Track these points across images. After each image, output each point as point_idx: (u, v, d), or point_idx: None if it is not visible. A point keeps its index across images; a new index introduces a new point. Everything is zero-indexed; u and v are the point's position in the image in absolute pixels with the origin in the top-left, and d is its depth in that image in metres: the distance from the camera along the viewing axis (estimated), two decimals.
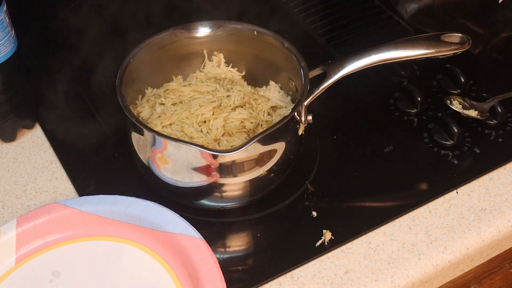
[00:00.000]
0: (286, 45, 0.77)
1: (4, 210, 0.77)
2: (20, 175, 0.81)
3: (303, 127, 0.74)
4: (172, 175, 0.71)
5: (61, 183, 0.80)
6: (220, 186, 0.71)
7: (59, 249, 0.71)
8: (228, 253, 0.73)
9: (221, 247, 0.73)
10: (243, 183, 0.72)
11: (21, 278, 0.69)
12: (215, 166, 0.69)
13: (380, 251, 0.72)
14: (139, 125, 0.70)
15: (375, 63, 0.75)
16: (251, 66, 0.84)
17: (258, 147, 0.70)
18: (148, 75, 0.81)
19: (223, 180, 0.71)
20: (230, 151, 0.66)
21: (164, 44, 0.80)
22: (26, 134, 0.86)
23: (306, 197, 0.77)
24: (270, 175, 0.73)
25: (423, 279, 0.71)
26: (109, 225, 0.72)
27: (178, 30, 0.80)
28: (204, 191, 0.72)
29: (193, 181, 0.71)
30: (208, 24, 0.81)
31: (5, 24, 0.76)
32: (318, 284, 0.69)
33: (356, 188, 0.79)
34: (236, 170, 0.70)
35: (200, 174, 0.70)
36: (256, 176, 0.72)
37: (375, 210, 0.76)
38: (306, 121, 0.73)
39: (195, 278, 0.66)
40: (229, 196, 0.73)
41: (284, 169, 0.74)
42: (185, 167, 0.70)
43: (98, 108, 0.88)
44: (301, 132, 0.74)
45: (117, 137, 0.84)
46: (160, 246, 0.70)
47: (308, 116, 0.73)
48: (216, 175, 0.70)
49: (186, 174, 0.70)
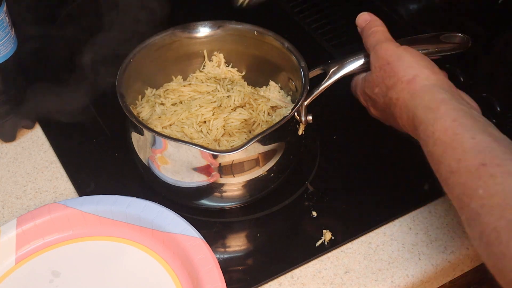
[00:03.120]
0: (286, 45, 0.77)
1: (4, 210, 0.77)
2: (20, 175, 0.81)
3: (303, 127, 0.74)
4: (172, 175, 0.71)
5: (61, 183, 0.80)
6: (220, 186, 0.71)
7: (59, 249, 0.71)
8: (228, 253, 0.73)
9: (221, 247, 0.73)
10: (243, 183, 0.72)
11: (21, 278, 0.69)
12: (215, 166, 0.69)
13: (380, 251, 0.72)
14: (139, 125, 0.70)
15: None
16: (251, 66, 0.84)
17: (258, 147, 0.70)
18: (148, 75, 0.81)
19: (223, 180, 0.71)
20: (230, 151, 0.66)
21: (164, 44, 0.80)
22: (26, 134, 0.86)
23: (306, 197, 0.78)
24: (270, 175, 0.73)
25: (423, 279, 0.71)
26: (109, 225, 0.72)
27: (178, 30, 0.80)
28: (204, 191, 0.72)
29: (193, 181, 0.71)
30: (208, 24, 0.81)
31: (5, 24, 0.76)
32: (318, 284, 0.69)
33: (356, 188, 0.79)
34: (236, 170, 0.70)
35: (200, 174, 0.70)
36: (256, 176, 0.72)
37: (375, 210, 0.76)
38: (306, 121, 0.73)
39: (195, 278, 0.66)
40: (229, 196, 0.73)
41: (284, 169, 0.74)
42: (185, 167, 0.70)
43: (98, 108, 0.88)
44: (301, 132, 0.74)
45: (117, 137, 0.84)
46: (160, 246, 0.70)
47: (308, 116, 0.73)
48: (216, 175, 0.70)
49: (186, 174, 0.70)
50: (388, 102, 0.68)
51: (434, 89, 0.64)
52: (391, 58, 0.68)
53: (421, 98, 0.64)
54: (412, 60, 0.67)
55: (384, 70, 0.68)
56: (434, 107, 0.62)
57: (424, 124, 0.62)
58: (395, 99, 0.66)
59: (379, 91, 0.69)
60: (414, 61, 0.67)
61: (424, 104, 0.63)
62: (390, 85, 0.67)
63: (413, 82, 0.65)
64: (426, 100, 0.63)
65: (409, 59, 0.67)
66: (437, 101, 0.62)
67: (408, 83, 0.65)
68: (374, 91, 0.70)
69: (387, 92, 0.68)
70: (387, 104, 0.69)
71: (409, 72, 0.66)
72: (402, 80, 0.66)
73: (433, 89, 0.64)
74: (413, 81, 0.65)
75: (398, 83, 0.66)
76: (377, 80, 0.69)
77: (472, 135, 0.58)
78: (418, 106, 0.63)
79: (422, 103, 0.63)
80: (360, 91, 0.74)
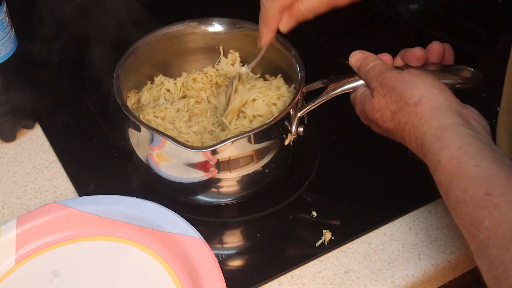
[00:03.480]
0: (293, 53, 0.77)
1: (4, 210, 0.77)
2: (20, 175, 0.81)
3: (291, 138, 0.73)
4: (165, 169, 0.72)
5: (61, 183, 0.80)
6: (217, 181, 0.72)
7: (59, 249, 0.71)
8: (228, 253, 0.73)
9: (221, 247, 0.73)
10: (236, 179, 0.72)
11: (21, 278, 0.69)
12: (196, 162, 0.69)
13: (380, 251, 0.72)
14: (123, 108, 0.71)
15: None
16: (265, 69, 0.83)
17: (240, 146, 0.69)
18: (161, 63, 0.82)
19: (220, 175, 0.71)
20: (199, 149, 0.68)
21: (179, 34, 0.81)
22: (26, 134, 0.86)
23: (306, 197, 0.77)
24: (265, 170, 0.72)
25: (423, 279, 0.71)
26: (109, 225, 0.72)
27: (195, 22, 0.81)
28: (196, 186, 0.72)
29: (184, 176, 0.71)
30: (226, 21, 0.81)
31: (5, 24, 0.76)
32: (318, 284, 0.69)
33: (356, 188, 0.79)
34: (232, 166, 0.70)
35: (188, 168, 0.70)
36: (251, 171, 0.72)
37: (375, 210, 0.76)
38: (296, 133, 0.73)
39: (195, 278, 0.66)
40: (225, 192, 0.73)
41: (279, 165, 0.74)
42: (178, 160, 0.70)
43: (98, 108, 0.88)
44: (287, 142, 0.73)
45: (117, 137, 0.84)
46: (160, 246, 0.70)
47: (299, 127, 0.72)
48: (213, 171, 0.70)
49: (178, 168, 0.71)
50: (395, 126, 0.67)
51: (441, 113, 0.63)
52: (396, 84, 0.66)
53: (429, 124, 0.62)
54: (417, 81, 0.66)
55: (389, 96, 0.67)
56: (440, 134, 0.61)
57: (431, 152, 0.61)
58: (404, 123, 0.65)
59: (381, 116, 0.68)
60: (418, 81, 0.65)
61: (431, 131, 0.62)
62: (397, 109, 0.66)
63: (419, 104, 0.64)
64: (433, 126, 0.62)
65: (414, 81, 0.66)
66: (443, 127, 0.61)
67: (415, 106, 0.64)
68: (375, 115, 0.68)
69: (393, 116, 0.66)
70: (393, 128, 0.67)
71: (415, 94, 0.64)
72: (409, 103, 0.64)
73: (440, 112, 0.63)
74: (420, 103, 0.64)
75: (405, 107, 0.65)
76: (379, 105, 0.68)
77: (477, 162, 0.57)
78: (426, 133, 0.62)
79: (430, 131, 0.62)
80: (359, 111, 0.73)
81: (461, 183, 0.57)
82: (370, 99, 0.69)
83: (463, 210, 0.56)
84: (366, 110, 0.70)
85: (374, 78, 0.69)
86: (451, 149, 0.59)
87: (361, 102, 0.71)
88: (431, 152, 0.61)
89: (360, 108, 0.71)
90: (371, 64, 0.71)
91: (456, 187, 0.57)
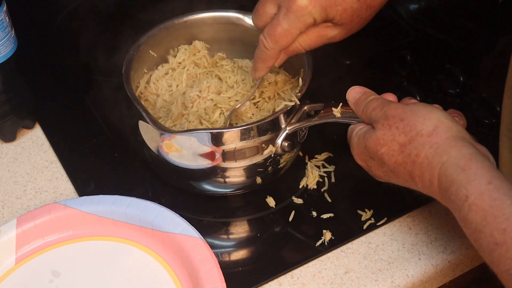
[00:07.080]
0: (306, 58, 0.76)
1: (4, 210, 0.77)
2: (20, 175, 0.81)
3: (272, 150, 0.72)
4: (176, 158, 0.72)
5: (61, 183, 0.80)
6: (222, 170, 0.72)
7: (59, 249, 0.71)
8: (228, 253, 0.73)
9: (221, 247, 0.73)
10: (242, 168, 0.72)
11: (21, 278, 0.69)
12: (208, 151, 0.70)
13: (380, 251, 0.72)
14: (127, 90, 0.71)
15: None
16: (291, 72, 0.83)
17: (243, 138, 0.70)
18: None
19: (225, 164, 0.72)
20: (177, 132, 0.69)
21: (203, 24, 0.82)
22: (26, 134, 0.86)
23: (306, 197, 0.78)
24: (267, 162, 0.73)
25: (423, 279, 0.71)
26: (109, 225, 0.72)
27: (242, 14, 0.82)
28: (203, 172, 0.73)
29: (194, 164, 0.72)
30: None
31: (5, 24, 0.76)
32: (318, 284, 0.69)
33: (356, 188, 0.79)
34: (238, 156, 0.71)
35: (200, 157, 0.71)
36: (255, 161, 0.72)
37: (375, 211, 0.76)
38: (280, 147, 0.72)
39: (195, 278, 0.66)
40: (231, 182, 0.74)
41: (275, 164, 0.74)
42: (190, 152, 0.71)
43: (98, 108, 0.88)
44: (267, 154, 0.72)
45: (117, 137, 0.84)
46: (160, 246, 0.70)
47: (284, 142, 0.72)
48: (218, 159, 0.71)
49: (188, 156, 0.71)
50: (404, 159, 0.61)
51: (459, 143, 0.58)
52: (404, 114, 0.62)
53: (448, 154, 0.57)
54: (427, 111, 0.61)
55: (396, 128, 0.62)
56: (464, 164, 0.56)
57: (456, 185, 0.55)
58: (415, 156, 0.60)
59: (388, 150, 0.62)
60: (429, 112, 0.61)
61: (452, 161, 0.57)
62: (406, 141, 0.61)
63: (434, 135, 0.59)
64: (454, 155, 0.57)
65: (424, 111, 0.61)
66: (466, 157, 0.56)
67: (429, 136, 0.59)
68: (380, 150, 0.63)
69: (402, 149, 0.61)
70: (401, 163, 0.62)
71: (428, 124, 0.60)
72: (422, 134, 0.60)
73: (458, 142, 0.58)
74: (434, 133, 0.59)
75: (418, 137, 0.60)
76: (385, 139, 0.63)
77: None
78: (446, 164, 0.57)
79: (450, 160, 0.57)
80: (358, 150, 0.67)
81: (499, 223, 0.52)
82: (372, 134, 0.65)
83: (504, 254, 0.51)
84: (368, 147, 0.65)
85: (377, 109, 0.65)
86: (480, 182, 0.54)
87: (359, 140, 0.67)
88: (455, 184, 0.56)
89: (359, 147, 0.67)
90: (371, 97, 0.67)
91: (493, 228, 0.52)
